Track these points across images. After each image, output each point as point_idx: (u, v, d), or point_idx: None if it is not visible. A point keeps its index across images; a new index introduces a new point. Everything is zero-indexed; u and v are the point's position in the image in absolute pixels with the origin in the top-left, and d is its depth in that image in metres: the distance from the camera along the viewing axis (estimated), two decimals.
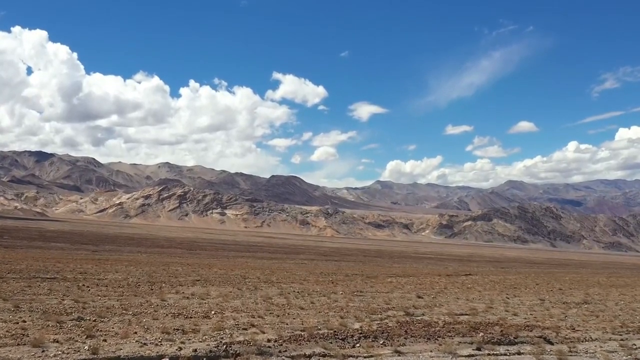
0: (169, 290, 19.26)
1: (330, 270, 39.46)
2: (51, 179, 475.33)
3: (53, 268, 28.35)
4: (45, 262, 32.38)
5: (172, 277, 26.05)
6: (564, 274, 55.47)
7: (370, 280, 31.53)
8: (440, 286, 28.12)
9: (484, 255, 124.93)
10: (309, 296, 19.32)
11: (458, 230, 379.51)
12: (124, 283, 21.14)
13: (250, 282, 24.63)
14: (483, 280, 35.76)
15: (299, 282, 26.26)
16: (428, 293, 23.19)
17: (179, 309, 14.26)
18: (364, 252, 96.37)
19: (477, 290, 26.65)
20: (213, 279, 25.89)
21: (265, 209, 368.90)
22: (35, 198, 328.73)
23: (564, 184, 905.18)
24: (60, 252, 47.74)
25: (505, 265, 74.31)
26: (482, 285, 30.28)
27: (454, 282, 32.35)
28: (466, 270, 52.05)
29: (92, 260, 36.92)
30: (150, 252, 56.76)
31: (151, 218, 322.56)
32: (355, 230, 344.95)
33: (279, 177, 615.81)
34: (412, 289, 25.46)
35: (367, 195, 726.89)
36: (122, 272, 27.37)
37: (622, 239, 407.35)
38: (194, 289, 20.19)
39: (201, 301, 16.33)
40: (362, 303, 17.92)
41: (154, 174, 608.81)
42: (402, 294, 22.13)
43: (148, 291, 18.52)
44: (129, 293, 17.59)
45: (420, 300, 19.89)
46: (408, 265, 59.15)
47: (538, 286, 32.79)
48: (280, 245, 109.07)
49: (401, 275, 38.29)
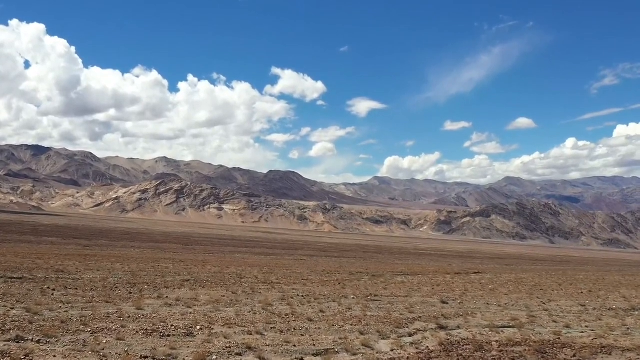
0: (150, 294, 16.22)
1: (332, 268, 36.58)
2: (48, 173, 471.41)
3: (29, 265, 25.35)
4: (25, 258, 29.44)
5: (159, 276, 23.06)
6: (575, 272, 52.67)
7: (378, 279, 28.65)
8: (459, 287, 25.16)
9: (484, 251, 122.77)
10: (316, 302, 16.33)
11: (456, 227, 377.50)
12: (100, 285, 18.11)
13: (247, 283, 21.64)
14: (499, 280, 32.89)
15: (301, 283, 23.30)
16: (450, 297, 20.21)
17: (155, 323, 11.19)
18: (364, 248, 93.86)
19: (502, 292, 23.70)
20: (205, 278, 22.90)
21: (262, 204, 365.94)
22: (31, 192, 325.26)
23: (562, 180, 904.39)
24: (49, 246, 45.02)
25: (509, 262, 71.70)
26: (503, 286, 27.35)
27: (469, 282, 29.45)
28: (472, 267, 49.46)
29: (78, 256, 34.02)
30: (144, 248, 54.11)
31: (148, 213, 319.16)
32: (353, 226, 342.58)
33: (277, 172, 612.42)
34: (430, 291, 22.51)
35: (364, 191, 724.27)
36: (104, 271, 24.42)
37: (620, 235, 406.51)
38: (180, 292, 17.15)
39: (186, 310, 13.26)
40: (381, 311, 14.93)
41: (152, 168, 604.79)
42: (423, 298, 19.17)
43: (124, 295, 15.47)
44: (100, 298, 14.54)
45: (446, 307, 16.91)
46: (410, 262, 56.60)
47: (562, 287, 29.93)
48: (278, 240, 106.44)
49: (409, 274, 35.46)
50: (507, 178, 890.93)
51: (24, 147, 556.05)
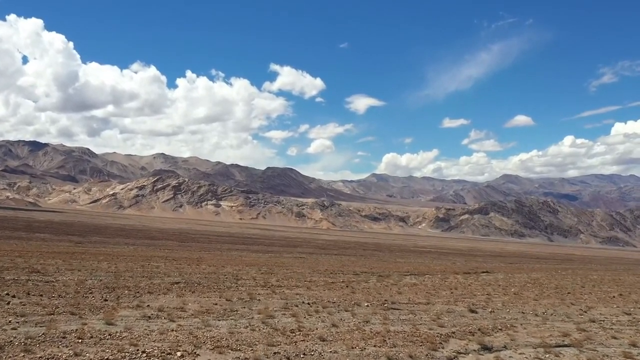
0: (128, 301, 13.64)
1: (335, 267, 34.11)
2: (45, 168, 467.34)
3: (4, 264, 22.82)
4: (4, 257, 26.90)
5: (145, 277, 20.50)
6: (585, 271, 50.35)
7: (387, 281, 26.18)
8: (479, 291, 22.66)
9: (484, 249, 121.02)
10: (326, 311, 13.78)
11: (455, 224, 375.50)
12: (73, 289, 15.52)
13: (244, 287, 19.07)
14: (515, 281, 30.47)
15: (305, 286, 20.76)
16: (477, 304, 17.68)
17: (122, 347, 8.51)
18: (363, 245, 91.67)
19: (529, 297, 21.18)
20: (197, 280, 20.34)
21: (260, 201, 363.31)
22: (27, 188, 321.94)
23: (559, 178, 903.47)
24: (39, 243, 42.50)
25: (512, 260, 69.52)
26: (525, 289, 24.85)
27: (486, 284, 26.99)
28: (478, 266, 47.22)
29: (65, 254, 31.45)
30: (139, 245, 51.62)
31: (145, 209, 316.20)
32: (352, 223, 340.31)
33: (275, 169, 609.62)
34: (450, 295, 20.01)
35: (362, 188, 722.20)
36: (86, 271, 21.90)
37: (619, 233, 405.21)
38: (165, 299, 14.57)
39: (168, 325, 10.62)
40: (405, 325, 12.40)
41: (149, 164, 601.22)
42: (446, 306, 16.64)
43: (97, 304, 12.90)
44: (65, 309, 11.96)
45: (478, 317, 14.39)
46: (413, 260, 54.38)
47: (585, 289, 27.50)
48: (276, 237, 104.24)
49: (416, 274, 33.09)
50: (505, 175, 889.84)
51: (21, 143, 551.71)
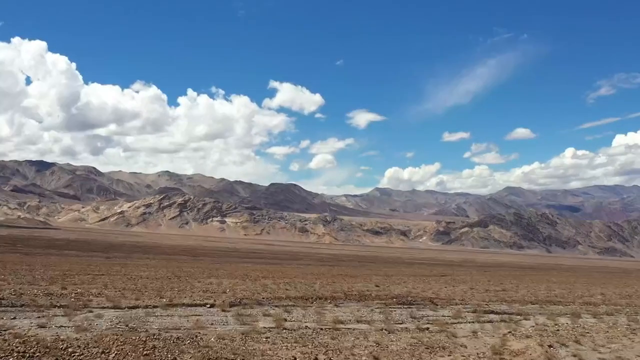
0: (193, 281, 25.45)
1: (320, 272, 45.42)
2: (52, 188, 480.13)
3: (91, 269, 34.32)
4: (80, 265, 38.19)
5: (190, 274, 32.21)
6: (542, 276, 59.83)
7: (355, 279, 37.65)
8: (411, 282, 34.19)
9: (477, 260, 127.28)
10: (294, 285, 25.54)
11: (455, 237, 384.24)
12: (158, 277, 27.33)
13: (252, 277, 30.82)
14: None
15: (289, 278, 32.45)
16: (381, 282, 29.25)
17: (205, 289, 20.41)
18: (360, 258, 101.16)
19: (433, 284, 32.65)
20: (222, 275, 32.05)
21: (264, 217, 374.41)
22: (37, 207, 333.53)
23: (562, 190, 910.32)
24: (77, 258, 52.27)
25: (495, 270, 78.93)
26: (441, 282, 36.13)
27: (423, 280, 38.36)
28: (446, 272, 56.88)
29: (113, 264, 42.36)
30: (159, 258, 61.54)
31: (152, 226, 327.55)
32: (354, 237, 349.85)
33: (278, 184, 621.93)
34: (386, 281, 31.53)
35: (365, 203, 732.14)
36: (149, 271, 33.36)
37: (617, 244, 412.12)
38: (210, 280, 26.37)
39: (219, 286, 22.51)
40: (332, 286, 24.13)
41: (154, 182, 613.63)
42: (374, 285, 28.22)
43: (179, 281, 24.72)
44: (167, 282, 23.80)
45: (377, 290, 26.02)
46: (393, 269, 63.64)
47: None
48: (279, 252, 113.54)
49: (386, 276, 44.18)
50: (508, 188, 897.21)
51: (28, 163, 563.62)
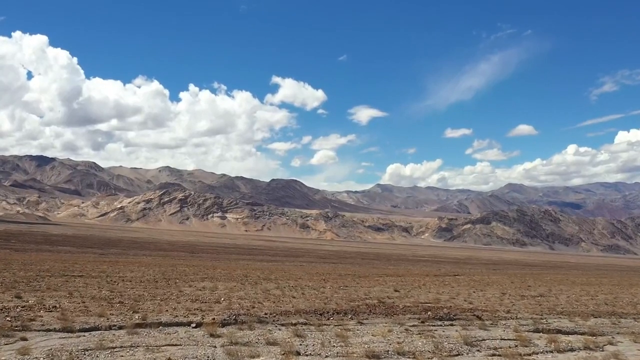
0: (182, 285, 22.51)
1: (325, 270, 42.63)
2: (52, 183, 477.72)
3: (75, 268, 31.53)
4: (64, 263, 35.50)
5: (182, 275, 29.28)
6: (541, 275, 57.72)
7: (360, 279, 34.74)
8: (419, 283, 31.28)
9: (481, 257, 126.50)
10: (301, 289, 22.57)
11: (457, 234, 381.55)
12: (144, 279, 24.40)
13: (252, 279, 27.88)
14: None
15: (294, 280, 29.50)
16: (399, 288, 26.33)
17: (195, 297, 17.46)
18: (362, 255, 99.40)
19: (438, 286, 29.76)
20: (219, 276, 29.12)
21: (265, 213, 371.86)
22: (37, 202, 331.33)
23: (564, 187, 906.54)
24: (68, 255, 50.26)
25: (499, 267, 76.63)
26: (453, 283, 33.32)
27: (428, 282, 35.50)
28: (452, 270, 54.60)
29: (103, 262, 39.95)
30: (155, 255, 59.50)
31: (152, 222, 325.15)
32: (355, 234, 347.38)
33: (279, 180, 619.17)
34: (396, 281, 28.63)
35: (367, 199, 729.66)
36: (137, 272, 30.55)
37: (620, 241, 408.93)
38: (203, 284, 23.43)
39: (212, 292, 19.54)
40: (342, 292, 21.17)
41: (155, 178, 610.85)
42: (381, 287, 25.30)
43: (166, 285, 21.77)
44: (151, 286, 20.84)
45: (397, 295, 23.08)
46: (398, 266, 61.44)
47: (492, 283, 35.50)
48: (280, 248, 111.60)
49: (391, 275, 41.35)
50: (510, 184, 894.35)
51: (28, 158, 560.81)
